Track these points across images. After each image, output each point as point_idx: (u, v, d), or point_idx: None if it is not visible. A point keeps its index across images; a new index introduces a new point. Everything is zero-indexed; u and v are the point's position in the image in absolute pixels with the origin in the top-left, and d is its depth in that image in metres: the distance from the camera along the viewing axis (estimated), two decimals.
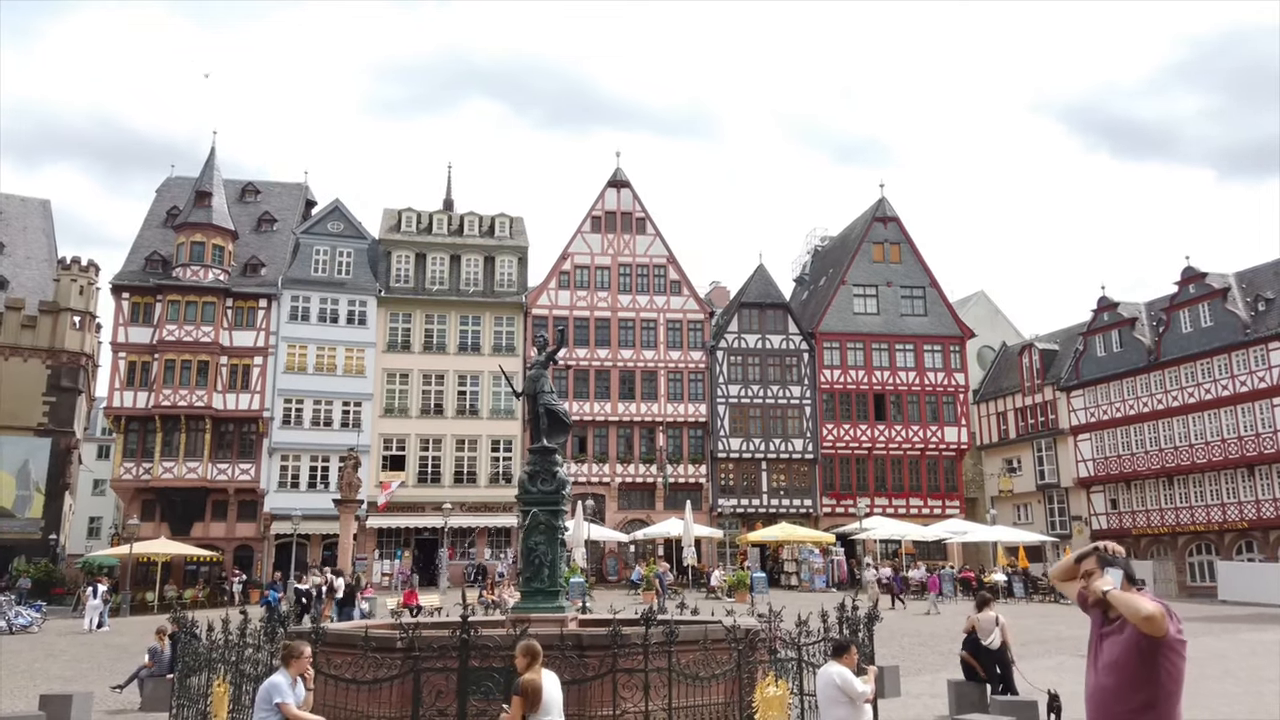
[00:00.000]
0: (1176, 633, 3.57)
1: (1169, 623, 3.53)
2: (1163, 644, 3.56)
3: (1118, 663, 3.60)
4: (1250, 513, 38.96)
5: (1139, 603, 3.53)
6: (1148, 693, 3.54)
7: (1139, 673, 3.54)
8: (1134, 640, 3.55)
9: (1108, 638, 3.73)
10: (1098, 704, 3.70)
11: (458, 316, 43.42)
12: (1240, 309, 40.26)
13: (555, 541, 12.19)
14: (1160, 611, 3.52)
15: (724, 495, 43.70)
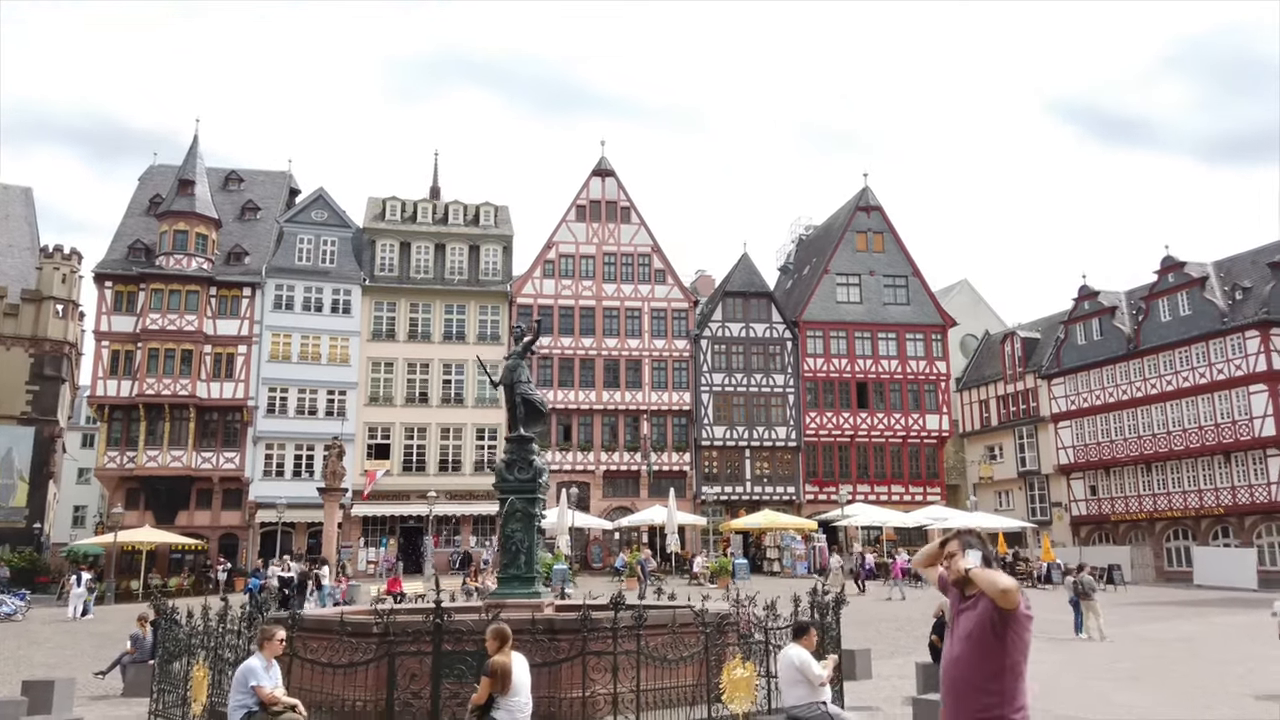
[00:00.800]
0: (1025, 608, 3.86)
1: (1021, 598, 3.80)
2: (1013, 618, 3.84)
3: (972, 635, 3.89)
4: (1226, 499, 39.54)
5: (997, 577, 3.82)
6: (996, 662, 3.84)
7: (990, 644, 3.84)
8: (987, 614, 3.86)
9: (964, 613, 4.01)
10: (952, 671, 4.01)
11: (442, 305, 43.49)
12: (1218, 298, 40.74)
13: (532, 529, 12.43)
14: (1015, 586, 3.81)
15: (708, 483, 44.00)
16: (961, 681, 3.96)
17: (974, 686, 3.91)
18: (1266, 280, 39.17)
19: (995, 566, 4.05)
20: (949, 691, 4.06)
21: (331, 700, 9.07)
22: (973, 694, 3.90)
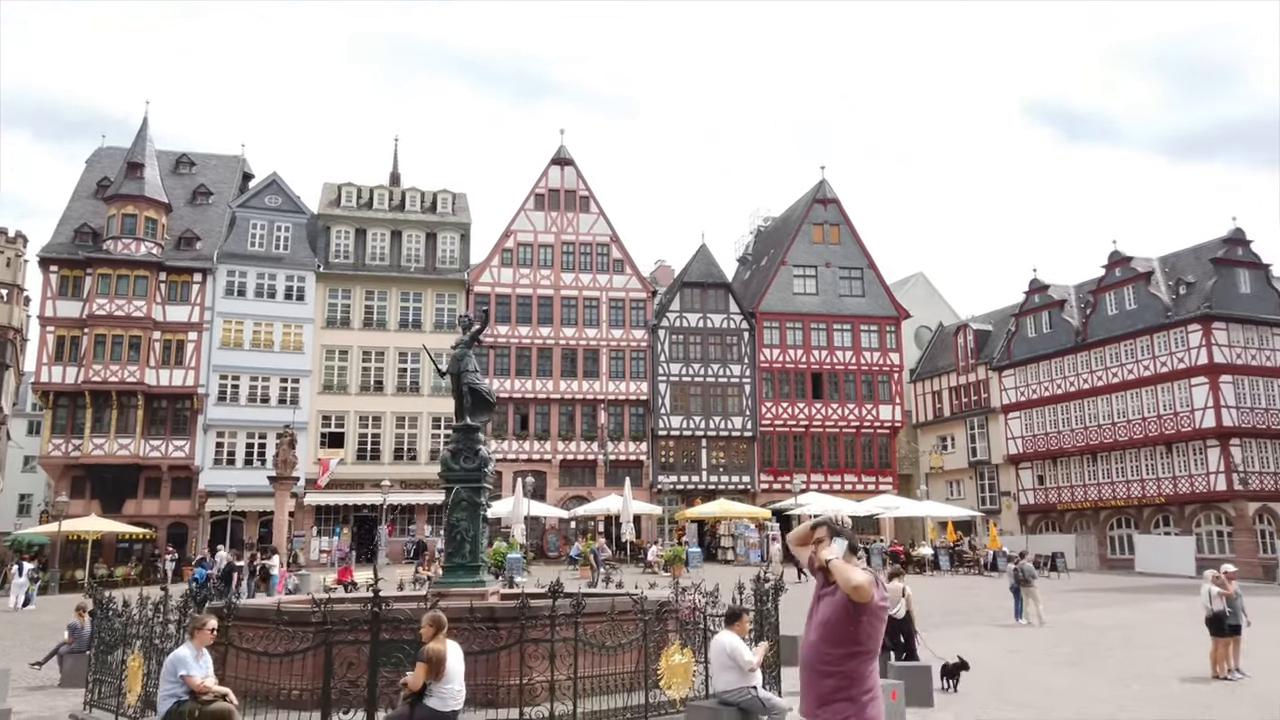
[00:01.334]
0: (880, 600, 4.02)
1: (875, 590, 3.95)
2: (866, 609, 3.99)
3: (828, 621, 4.04)
4: (1168, 488, 40.63)
5: (851, 573, 3.97)
6: (848, 648, 4.02)
7: (844, 631, 4.01)
8: (843, 603, 4.00)
9: (824, 598, 4.17)
10: (807, 655, 4.16)
11: (399, 293, 43.15)
12: (1163, 292, 41.75)
13: (477, 518, 12.47)
14: (868, 581, 3.96)
15: (664, 472, 44.23)
16: (814, 664, 4.11)
17: (825, 670, 4.06)
18: (1209, 276, 40.25)
19: (860, 555, 4.20)
20: (803, 673, 4.21)
21: (268, 689, 9.07)
22: (824, 676, 4.05)
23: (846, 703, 4.02)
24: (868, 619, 4.06)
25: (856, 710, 4.01)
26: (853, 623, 4.05)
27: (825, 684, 4.06)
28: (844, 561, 4.09)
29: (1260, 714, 10.51)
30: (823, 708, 4.06)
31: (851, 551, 4.21)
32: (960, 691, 12.15)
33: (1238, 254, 40.95)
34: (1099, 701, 11.52)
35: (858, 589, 3.95)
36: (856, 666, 4.06)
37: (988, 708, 10.99)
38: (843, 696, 4.02)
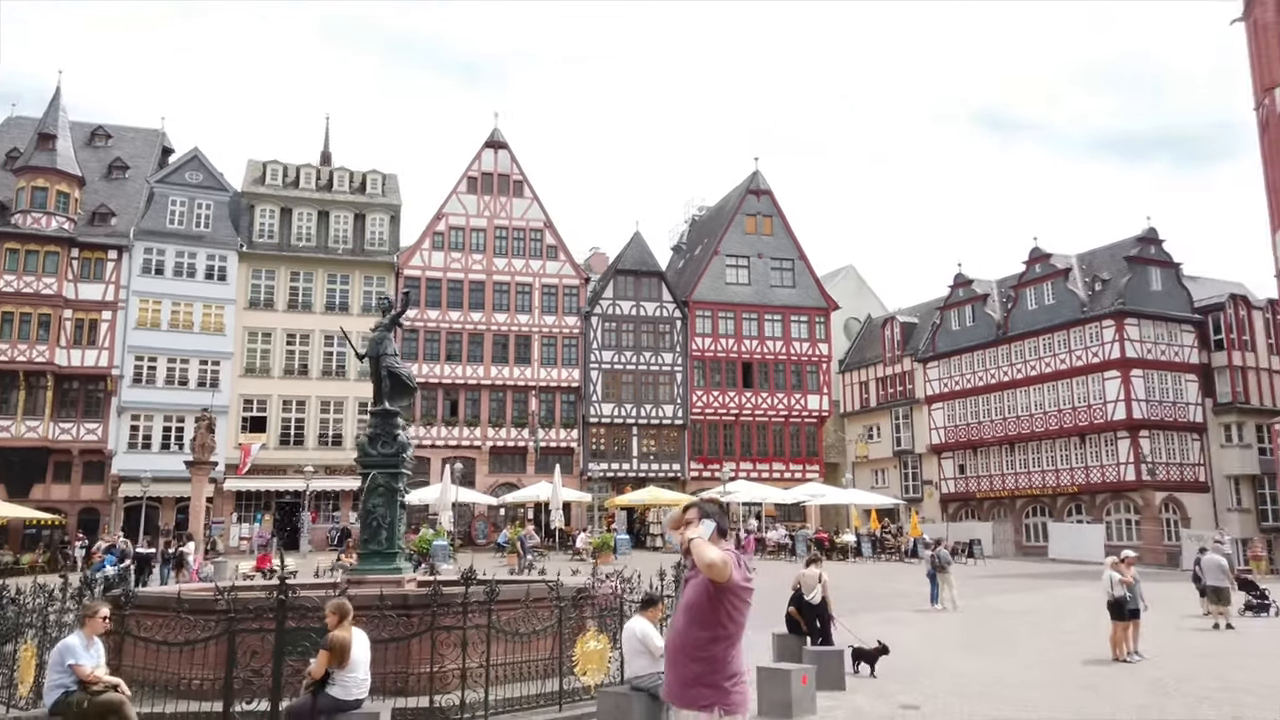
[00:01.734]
0: (744, 580, 4.02)
1: (735, 571, 3.95)
2: (727, 589, 3.99)
3: (692, 603, 4.03)
4: (1080, 478, 42.11)
5: (706, 552, 3.94)
6: (712, 630, 3.99)
7: (707, 613, 3.98)
8: (705, 584, 3.99)
9: (690, 581, 4.17)
10: (671, 639, 4.16)
11: (325, 275, 42.22)
12: (1080, 288, 43.14)
13: (395, 504, 12.29)
14: (723, 560, 3.93)
15: (595, 459, 44.22)
16: (678, 649, 4.09)
17: (689, 654, 4.02)
18: (1123, 273, 41.72)
19: (730, 537, 4.20)
20: (668, 659, 4.18)
21: (169, 679, 8.81)
22: (688, 662, 4.01)
23: (710, 688, 3.98)
24: (730, 601, 4.02)
25: (720, 696, 3.97)
26: (714, 605, 4.02)
27: (689, 668, 4.03)
28: (705, 542, 4.07)
29: (1152, 695, 10.95)
30: (686, 691, 4.03)
31: (720, 534, 4.20)
32: (876, 675, 12.41)
33: (1150, 253, 42.52)
34: (1004, 684, 11.88)
35: (711, 566, 3.91)
36: (721, 650, 4.02)
37: (897, 691, 11.24)
38: (706, 681, 3.98)
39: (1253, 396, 42.05)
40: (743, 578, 4.06)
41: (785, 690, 9.38)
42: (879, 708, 10.17)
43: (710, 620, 4.03)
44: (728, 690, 4.00)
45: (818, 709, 9.83)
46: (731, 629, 4.07)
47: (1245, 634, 17.68)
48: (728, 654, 4.04)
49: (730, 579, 3.99)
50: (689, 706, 4.03)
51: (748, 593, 4.12)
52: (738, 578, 4.02)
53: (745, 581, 4.08)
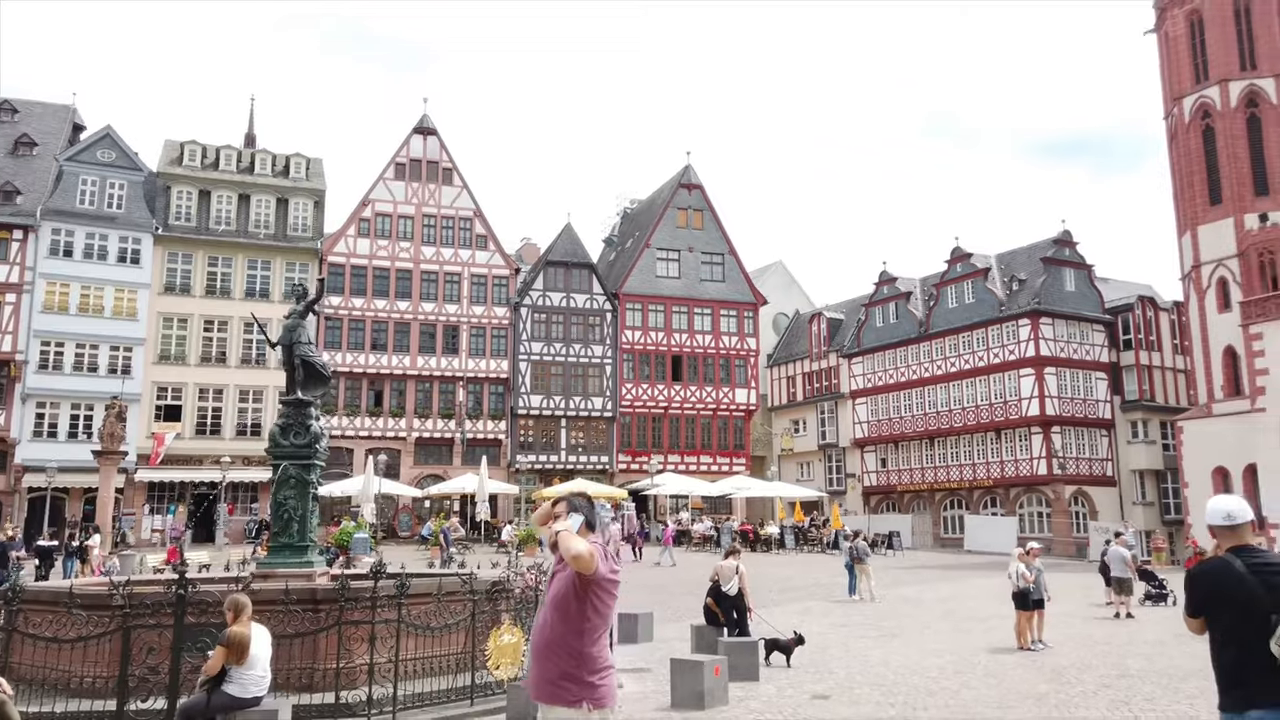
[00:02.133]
0: (610, 573, 4.00)
1: (601, 564, 3.94)
2: (593, 583, 3.97)
3: (557, 596, 4.01)
4: (996, 472, 43.43)
5: (573, 544, 3.92)
6: (576, 624, 3.96)
7: (571, 607, 3.95)
8: (570, 577, 3.97)
9: (557, 575, 4.17)
10: (536, 634, 4.13)
11: (245, 260, 41.03)
12: (998, 288, 44.42)
13: (307, 496, 12.00)
14: (589, 552, 3.91)
15: (523, 451, 43.98)
16: (545, 645, 4.06)
17: (554, 649, 3.99)
18: (1039, 274, 43.08)
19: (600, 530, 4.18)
20: (534, 655, 4.13)
21: (60, 677, 8.46)
22: (552, 657, 3.97)
23: (577, 684, 3.93)
24: (596, 594, 3.97)
25: (587, 691, 3.92)
26: (580, 598, 3.97)
27: (556, 664, 3.98)
28: (572, 534, 4.03)
29: (1051, 683, 11.32)
30: (553, 688, 3.98)
31: (589, 528, 4.17)
32: (792, 665, 12.59)
33: (1065, 255, 43.99)
34: (913, 672, 12.15)
35: (578, 558, 3.87)
36: (585, 645, 3.97)
37: (810, 680, 11.41)
38: (574, 677, 3.93)
39: (1158, 395, 43.87)
40: (609, 570, 4.01)
41: (698, 681, 9.44)
42: (791, 697, 10.31)
43: (577, 614, 3.98)
44: (595, 685, 3.95)
45: (730, 699, 9.91)
46: (598, 622, 4.02)
47: (1144, 623, 18.42)
48: (595, 648, 3.99)
49: (596, 572, 3.95)
50: (557, 703, 3.98)
51: (614, 585, 4.07)
52: (604, 570, 3.98)
53: (612, 574, 4.04)
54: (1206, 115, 40.22)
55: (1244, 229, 38.32)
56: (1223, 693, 3.74)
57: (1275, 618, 3.55)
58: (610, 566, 3.99)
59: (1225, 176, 39.34)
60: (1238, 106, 39.30)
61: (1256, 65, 39.44)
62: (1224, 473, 38.13)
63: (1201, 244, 39.98)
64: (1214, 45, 40.05)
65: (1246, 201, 38.66)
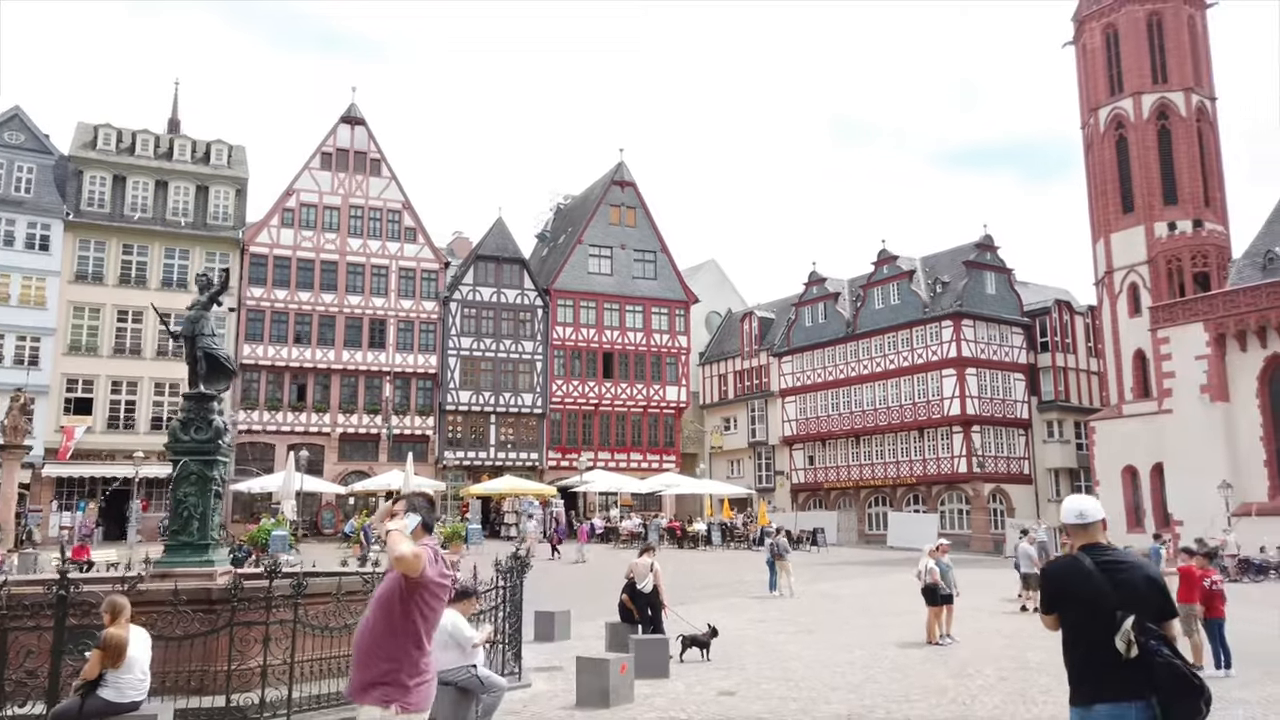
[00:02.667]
0: (439, 577, 3.96)
1: (429, 568, 3.89)
2: (421, 586, 3.92)
3: (382, 597, 3.97)
4: (918, 470, 44.39)
5: (397, 545, 3.88)
6: (399, 626, 3.92)
7: (394, 608, 3.91)
8: (396, 579, 3.93)
9: (387, 575, 4.12)
10: (358, 634, 4.07)
11: (162, 249, 39.71)
12: (922, 290, 45.40)
13: (208, 493, 11.65)
14: (414, 554, 3.86)
15: (451, 448, 43.49)
16: (363, 645, 3.98)
17: (374, 651, 3.92)
18: (961, 277, 44.14)
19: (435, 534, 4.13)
20: (354, 654, 4.06)
21: None
22: (372, 658, 3.92)
23: (393, 685, 3.86)
24: (422, 597, 3.90)
25: (401, 693, 3.85)
26: (405, 600, 3.90)
27: (376, 665, 3.90)
28: (401, 535, 3.96)
29: (954, 676, 11.58)
30: (368, 690, 3.91)
31: (425, 529, 4.12)
32: (709, 660, 12.68)
33: (986, 258, 45.15)
34: (824, 666, 12.33)
35: (400, 560, 3.81)
36: (406, 648, 3.90)
37: (720, 676, 11.48)
38: (391, 679, 3.86)
39: (1073, 396, 45.36)
40: (438, 574, 3.95)
41: (603, 679, 9.41)
42: (697, 694, 10.36)
43: (400, 616, 3.91)
44: (410, 688, 3.88)
45: (637, 697, 9.91)
46: (422, 626, 3.96)
47: None
48: (414, 651, 3.92)
49: (423, 575, 3.88)
50: (371, 703, 3.91)
51: (443, 590, 4.02)
52: (431, 574, 3.91)
53: (440, 578, 3.97)
54: (1120, 126, 41.69)
55: (1154, 237, 39.86)
56: (1072, 688, 3.83)
57: (1120, 614, 3.65)
58: (439, 571, 3.94)
59: (1137, 186, 40.86)
60: (1149, 118, 40.82)
61: (1168, 79, 41.02)
62: (1133, 471, 39.65)
63: (1114, 251, 41.45)
64: (1128, 58, 41.53)
65: (1156, 210, 40.20)
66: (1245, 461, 35.12)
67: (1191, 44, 41.52)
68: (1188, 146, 40.37)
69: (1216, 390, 35.95)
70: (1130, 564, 3.85)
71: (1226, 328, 35.74)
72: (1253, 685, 11.03)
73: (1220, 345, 36.03)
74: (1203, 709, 3.61)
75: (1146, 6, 41.27)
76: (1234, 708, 9.64)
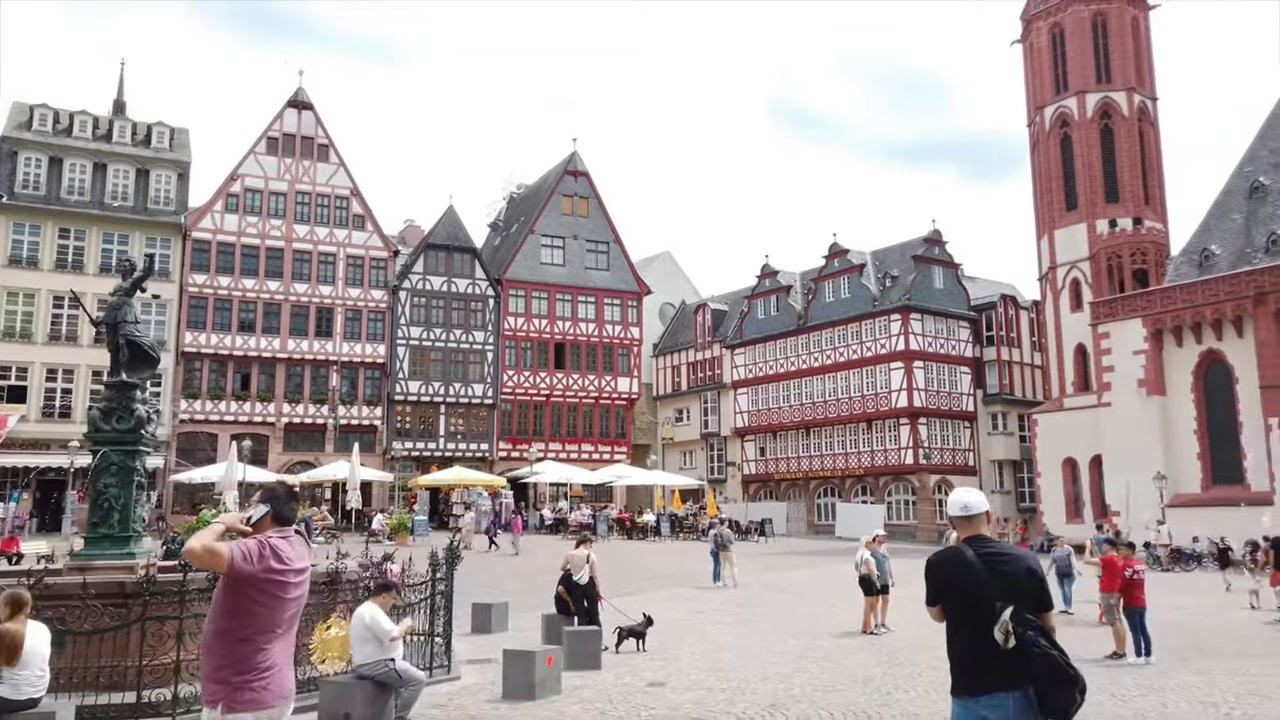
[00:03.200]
0: (264, 572, 3.72)
1: (242, 563, 3.68)
2: (245, 580, 3.72)
3: (217, 592, 3.81)
4: (866, 461, 44.92)
5: (196, 537, 3.72)
6: (227, 621, 3.76)
7: (224, 601, 3.75)
8: (223, 575, 3.79)
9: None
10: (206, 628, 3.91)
11: (101, 233, 38.65)
12: (872, 283, 45.86)
13: (130, 484, 11.39)
14: (203, 548, 3.65)
15: (400, 438, 43.02)
16: (204, 642, 3.84)
17: (207, 649, 3.79)
18: (910, 271, 44.66)
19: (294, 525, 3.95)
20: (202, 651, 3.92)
21: None
22: (209, 655, 3.77)
23: (219, 684, 3.71)
24: (248, 592, 3.71)
25: (227, 693, 3.69)
26: (232, 595, 3.73)
27: (208, 660, 3.78)
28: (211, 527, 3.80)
29: (882, 665, 11.72)
30: (205, 685, 3.80)
31: (276, 520, 3.94)
32: (645, 650, 12.68)
33: (935, 253, 45.73)
34: (756, 656, 12.39)
35: (188, 552, 3.62)
36: (233, 645, 3.73)
37: (653, 667, 11.49)
38: (219, 677, 3.73)
39: (1017, 389, 46.20)
40: (263, 569, 3.71)
41: (529, 672, 9.36)
42: (626, 685, 10.35)
43: (229, 612, 3.74)
44: (235, 686, 3.70)
45: (565, 689, 9.87)
46: (251, 622, 3.73)
47: None
48: (242, 649, 3.72)
49: (232, 569, 3.67)
50: (205, 701, 3.78)
51: (276, 585, 3.76)
52: (246, 569, 3.68)
53: (266, 573, 3.72)
54: (1065, 124, 42.44)
55: (1096, 234, 40.68)
56: (953, 678, 3.87)
57: (1000, 605, 3.69)
58: (266, 565, 3.71)
59: (1080, 183, 41.65)
60: (1093, 117, 41.61)
61: (1111, 79, 41.83)
62: (1072, 463, 40.53)
63: (1058, 247, 42.24)
64: (1073, 58, 42.27)
65: (1099, 208, 41.04)
66: (1180, 454, 36.05)
67: (1135, 45, 42.38)
68: (1129, 145, 41.25)
69: (1153, 385, 36.83)
70: (1011, 556, 3.89)
71: (1164, 324, 36.61)
72: (1169, 673, 11.31)
73: (1157, 341, 36.90)
74: (1078, 698, 3.66)
75: (1092, 7, 42.03)
76: (1149, 695, 9.87)
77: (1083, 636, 14.74)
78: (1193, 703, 9.45)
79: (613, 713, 8.91)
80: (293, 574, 3.83)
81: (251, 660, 3.70)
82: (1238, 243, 36.77)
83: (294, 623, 3.97)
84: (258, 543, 3.74)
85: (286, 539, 3.87)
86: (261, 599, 3.71)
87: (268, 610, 3.73)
